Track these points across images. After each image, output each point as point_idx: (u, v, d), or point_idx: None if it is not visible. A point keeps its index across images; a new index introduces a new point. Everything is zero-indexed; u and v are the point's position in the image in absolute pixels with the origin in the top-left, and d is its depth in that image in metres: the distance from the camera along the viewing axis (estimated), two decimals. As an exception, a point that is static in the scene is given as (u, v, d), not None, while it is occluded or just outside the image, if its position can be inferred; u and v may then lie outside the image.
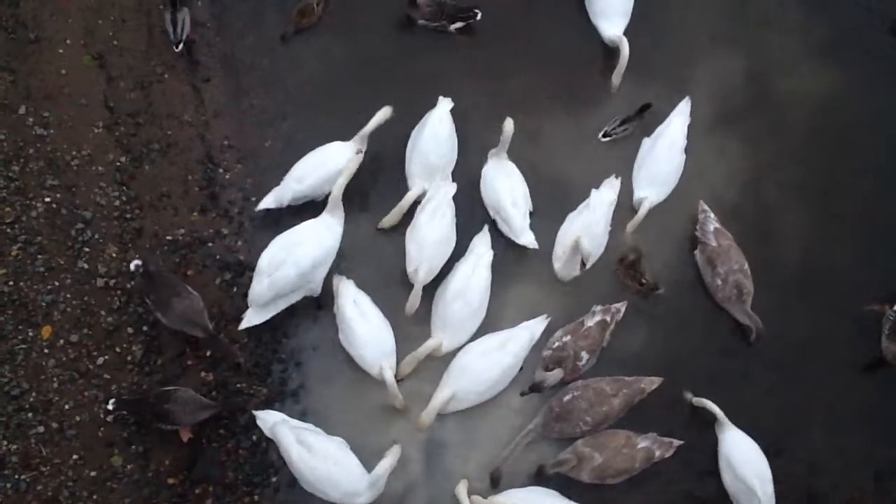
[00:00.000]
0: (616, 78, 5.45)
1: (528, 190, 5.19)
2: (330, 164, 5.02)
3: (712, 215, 5.15)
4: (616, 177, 5.27)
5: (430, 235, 4.87)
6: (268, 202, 5.07)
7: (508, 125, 4.99)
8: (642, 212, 5.14)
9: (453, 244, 5.00)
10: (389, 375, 4.65)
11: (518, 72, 5.60)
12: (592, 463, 4.60)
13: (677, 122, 5.32)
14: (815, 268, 5.29)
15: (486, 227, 5.11)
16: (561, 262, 5.05)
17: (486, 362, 4.75)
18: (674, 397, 4.93)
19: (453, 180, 5.13)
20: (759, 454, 4.71)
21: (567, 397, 4.76)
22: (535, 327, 4.94)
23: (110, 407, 4.57)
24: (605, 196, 5.16)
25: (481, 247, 5.03)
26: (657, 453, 4.70)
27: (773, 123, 5.63)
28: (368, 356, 4.74)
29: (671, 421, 4.90)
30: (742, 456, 4.68)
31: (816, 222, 5.43)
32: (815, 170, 5.53)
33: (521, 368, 4.89)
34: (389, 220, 5.11)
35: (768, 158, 5.54)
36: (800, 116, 5.65)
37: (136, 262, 4.70)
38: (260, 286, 4.72)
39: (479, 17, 5.55)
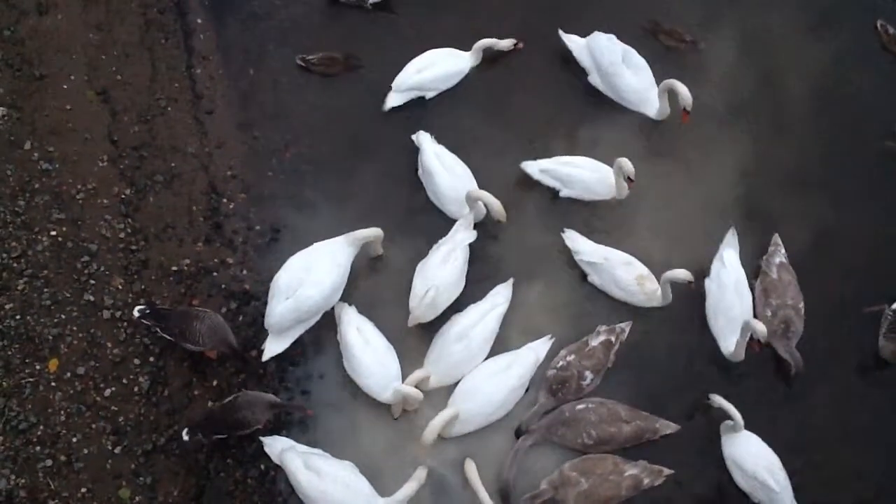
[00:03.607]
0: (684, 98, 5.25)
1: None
2: (445, 64, 5.56)
3: (783, 250, 5.15)
4: (563, 229, 5.25)
5: (438, 277, 4.89)
6: (392, 100, 5.50)
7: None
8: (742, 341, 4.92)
9: (460, 289, 5.02)
10: (404, 387, 4.64)
11: (517, 103, 5.68)
12: (578, 488, 4.54)
13: (731, 257, 5.11)
14: (819, 261, 5.29)
15: (510, 281, 5.11)
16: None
17: (492, 384, 4.75)
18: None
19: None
20: (762, 446, 4.68)
21: (580, 406, 4.76)
22: (539, 348, 4.95)
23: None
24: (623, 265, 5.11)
25: (499, 297, 5.03)
26: (646, 481, 4.65)
27: (774, 108, 5.73)
28: (374, 384, 4.74)
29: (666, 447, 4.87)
30: (746, 451, 4.67)
31: (819, 214, 5.46)
32: (817, 158, 5.62)
33: (527, 389, 4.89)
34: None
35: (771, 145, 5.63)
36: (801, 101, 5.76)
37: (139, 307, 4.74)
38: (280, 308, 4.71)
39: None
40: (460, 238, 5.05)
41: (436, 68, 5.54)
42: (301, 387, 4.93)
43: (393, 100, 5.55)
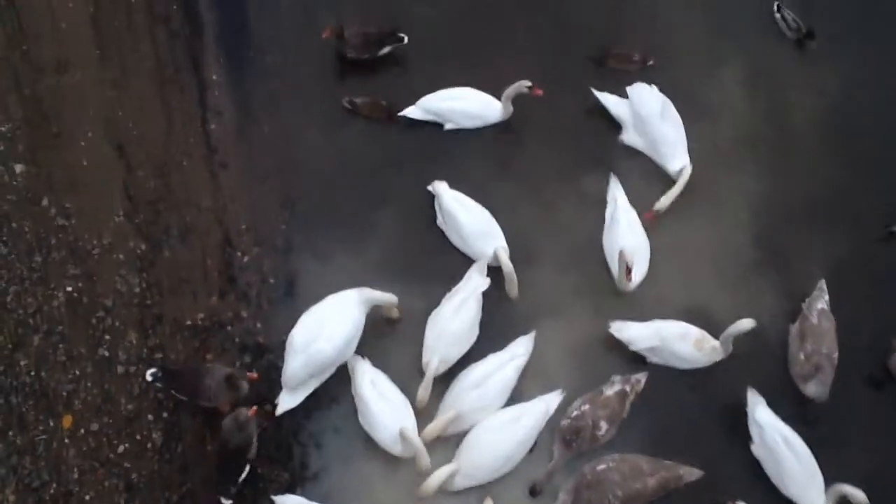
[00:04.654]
0: (667, 200, 5.37)
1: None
2: (474, 103, 5.61)
3: (826, 297, 5.10)
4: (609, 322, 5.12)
5: (451, 327, 4.88)
6: (410, 112, 5.59)
7: None
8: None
9: (474, 339, 4.99)
10: (412, 434, 4.58)
11: (529, 153, 5.71)
12: None
13: (764, 415, 4.79)
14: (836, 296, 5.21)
15: (532, 333, 5.06)
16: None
17: (501, 436, 4.70)
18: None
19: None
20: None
21: (601, 467, 4.68)
22: (550, 401, 4.89)
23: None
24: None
25: (520, 348, 4.99)
26: None
27: (783, 139, 5.75)
28: (389, 437, 4.70)
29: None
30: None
31: (836, 241, 5.44)
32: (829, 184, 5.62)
33: (536, 444, 4.83)
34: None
35: (782, 176, 5.64)
36: (808, 128, 5.78)
37: (151, 370, 4.73)
38: (295, 364, 4.71)
39: (405, 40, 5.72)
40: (473, 286, 5.03)
41: (463, 102, 5.61)
42: (315, 440, 4.90)
43: (411, 112, 5.63)
